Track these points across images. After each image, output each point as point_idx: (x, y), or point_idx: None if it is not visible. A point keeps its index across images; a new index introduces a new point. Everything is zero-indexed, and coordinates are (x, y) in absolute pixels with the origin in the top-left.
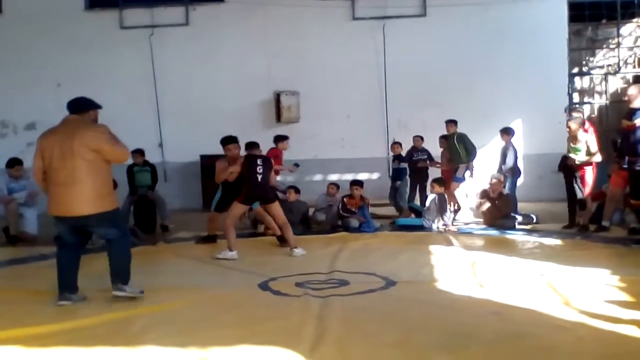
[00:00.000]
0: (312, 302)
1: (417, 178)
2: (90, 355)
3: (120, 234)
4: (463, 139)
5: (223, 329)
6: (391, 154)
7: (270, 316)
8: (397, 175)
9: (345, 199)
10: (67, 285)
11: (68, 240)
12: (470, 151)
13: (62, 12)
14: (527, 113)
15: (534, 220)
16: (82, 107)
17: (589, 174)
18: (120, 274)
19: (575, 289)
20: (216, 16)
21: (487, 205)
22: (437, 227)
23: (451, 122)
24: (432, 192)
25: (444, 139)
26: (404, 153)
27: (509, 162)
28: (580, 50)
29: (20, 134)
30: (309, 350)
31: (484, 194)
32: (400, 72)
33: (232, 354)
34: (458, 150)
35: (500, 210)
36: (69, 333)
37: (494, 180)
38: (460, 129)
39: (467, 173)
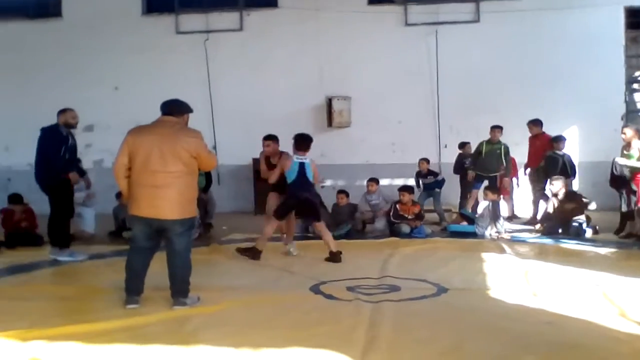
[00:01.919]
0: (363, 307)
1: (468, 184)
2: (147, 352)
3: (189, 244)
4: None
5: (275, 331)
6: (417, 169)
7: (321, 320)
8: (431, 188)
9: (397, 205)
10: (136, 289)
11: (143, 244)
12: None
13: (120, 17)
14: (583, 120)
15: (595, 230)
16: (179, 109)
17: None
18: (182, 289)
19: (631, 300)
20: (270, 21)
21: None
22: (490, 235)
23: (499, 128)
24: (485, 199)
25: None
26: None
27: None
28: (638, 58)
29: (79, 136)
30: (360, 355)
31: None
32: (452, 77)
33: (284, 356)
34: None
35: (570, 212)
36: (126, 330)
37: (556, 182)
38: (514, 135)
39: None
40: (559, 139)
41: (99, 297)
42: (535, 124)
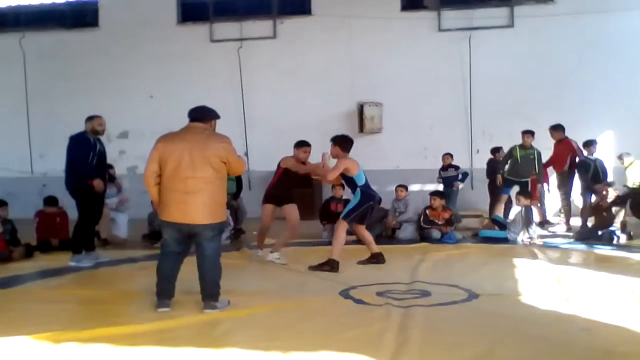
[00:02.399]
0: (394, 311)
1: (497, 189)
2: (177, 355)
3: (218, 248)
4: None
5: (305, 335)
6: (441, 164)
7: (351, 324)
8: (449, 182)
9: (427, 211)
10: (167, 292)
11: (174, 249)
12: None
13: (156, 26)
14: (617, 125)
15: (630, 236)
16: (206, 115)
17: None
18: (212, 293)
19: None
20: (303, 29)
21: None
22: (522, 240)
23: (531, 133)
24: (517, 204)
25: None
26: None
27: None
28: None
29: (114, 142)
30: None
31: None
32: (486, 82)
33: None
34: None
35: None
36: (157, 333)
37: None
38: (548, 140)
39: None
40: (590, 143)
41: (131, 301)
42: (556, 129)
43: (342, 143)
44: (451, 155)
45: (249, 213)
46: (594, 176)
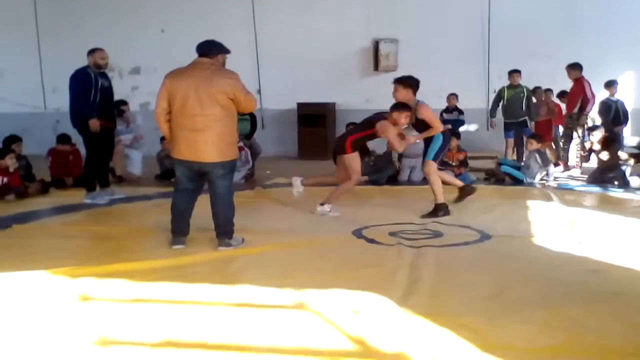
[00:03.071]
0: (406, 251)
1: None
2: (192, 290)
3: (231, 186)
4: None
5: (318, 273)
6: (446, 105)
7: (364, 263)
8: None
9: None
10: (181, 229)
11: (187, 186)
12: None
13: None
14: (638, 65)
15: None
16: (212, 50)
17: None
18: (226, 230)
19: None
20: None
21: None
22: (537, 182)
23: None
24: (529, 148)
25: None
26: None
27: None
28: None
29: (126, 78)
30: (401, 297)
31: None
32: (505, 21)
33: (326, 296)
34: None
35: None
36: (172, 269)
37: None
38: (567, 80)
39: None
40: (611, 84)
41: (146, 238)
42: (573, 67)
43: (414, 85)
44: (456, 97)
45: (262, 152)
46: (615, 118)
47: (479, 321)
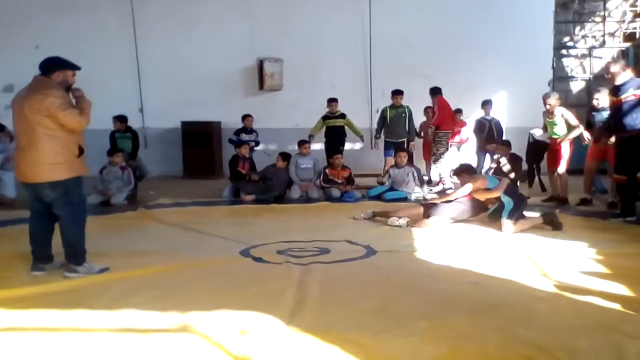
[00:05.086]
0: (293, 269)
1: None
2: (72, 317)
3: (71, 208)
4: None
5: (204, 295)
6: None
7: (250, 283)
8: None
9: (327, 170)
10: (38, 255)
11: (35, 207)
12: None
13: None
14: (511, 85)
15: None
16: (47, 67)
17: (565, 149)
18: (72, 255)
19: (553, 261)
20: None
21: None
22: (415, 198)
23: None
24: (401, 164)
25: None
26: None
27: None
28: (567, 24)
29: None
30: (288, 316)
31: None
32: (385, 42)
33: (212, 318)
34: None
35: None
36: (49, 296)
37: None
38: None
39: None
40: (485, 103)
41: (23, 262)
42: (432, 92)
43: (467, 171)
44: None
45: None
46: (489, 135)
47: (364, 335)
